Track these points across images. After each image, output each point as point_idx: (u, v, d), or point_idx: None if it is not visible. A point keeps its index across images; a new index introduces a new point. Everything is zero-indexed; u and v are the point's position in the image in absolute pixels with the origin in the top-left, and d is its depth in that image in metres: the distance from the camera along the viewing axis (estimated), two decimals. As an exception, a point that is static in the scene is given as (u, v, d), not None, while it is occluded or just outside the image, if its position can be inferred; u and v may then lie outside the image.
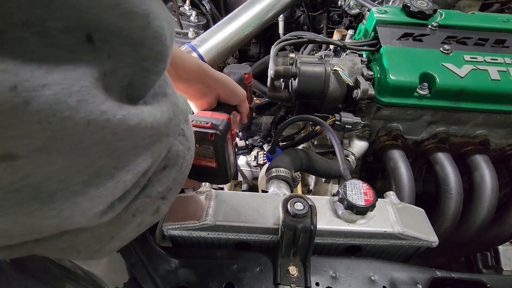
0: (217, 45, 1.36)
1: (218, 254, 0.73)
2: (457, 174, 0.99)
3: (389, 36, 1.05)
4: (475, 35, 1.04)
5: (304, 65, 1.01)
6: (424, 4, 1.11)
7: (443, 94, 0.94)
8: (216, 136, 0.61)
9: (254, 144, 1.38)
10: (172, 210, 0.75)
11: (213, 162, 0.66)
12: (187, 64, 0.63)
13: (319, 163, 1.03)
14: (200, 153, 0.64)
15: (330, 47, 1.41)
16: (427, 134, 1.06)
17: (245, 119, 0.79)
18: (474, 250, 1.22)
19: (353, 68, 1.02)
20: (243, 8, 1.43)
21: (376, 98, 0.98)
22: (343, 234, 0.73)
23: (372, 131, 1.08)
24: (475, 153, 1.04)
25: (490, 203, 0.97)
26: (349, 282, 0.70)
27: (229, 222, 0.71)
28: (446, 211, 0.97)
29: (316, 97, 1.02)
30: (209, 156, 0.65)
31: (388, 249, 0.77)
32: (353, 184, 0.75)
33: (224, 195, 0.77)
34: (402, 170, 1.00)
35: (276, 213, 0.73)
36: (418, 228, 0.74)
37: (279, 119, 1.47)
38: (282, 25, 1.93)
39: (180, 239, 0.75)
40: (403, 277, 0.72)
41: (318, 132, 1.05)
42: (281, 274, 0.70)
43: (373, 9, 1.13)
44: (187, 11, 1.73)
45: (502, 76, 0.93)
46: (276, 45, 1.09)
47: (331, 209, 0.76)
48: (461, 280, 0.73)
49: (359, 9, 1.68)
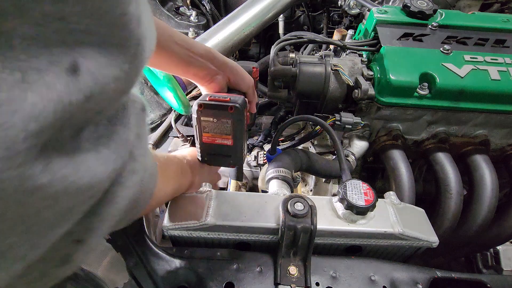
0: (217, 45, 1.36)
1: (218, 254, 0.73)
2: (457, 174, 0.99)
3: (389, 36, 1.05)
4: (475, 35, 1.04)
5: (304, 65, 1.01)
6: (424, 4, 1.11)
7: (443, 94, 0.94)
8: (236, 108, 0.60)
9: (254, 144, 1.38)
10: (172, 210, 0.75)
11: (229, 139, 0.65)
12: (196, 48, 0.64)
13: (319, 163, 1.03)
14: (217, 129, 0.64)
15: (330, 47, 1.41)
16: (427, 134, 1.06)
17: (254, 108, 0.79)
18: (474, 250, 1.22)
19: (353, 68, 1.02)
20: (243, 8, 1.43)
21: (376, 98, 0.98)
22: (343, 234, 0.73)
23: (372, 131, 1.08)
24: (475, 153, 1.04)
25: (490, 203, 0.97)
26: (349, 282, 0.70)
27: (229, 222, 0.71)
28: (446, 211, 0.97)
29: (316, 97, 1.02)
30: (226, 133, 0.64)
31: (388, 249, 0.77)
32: (353, 184, 0.75)
33: (224, 195, 0.77)
34: (402, 170, 1.00)
35: (276, 213, 0.73)
36: (418, 228, 0.74)
37: (279, 119, 1.47)
38: (282, 25, 1.93)
39: (180, 239, 0.75)
40: (403, 277, 0.72)
41: (318, 132, 1.05)
42: (281, 274, 0.70)
43: (373, 9, 1.13)
44: (187, 11, 1.73)
45: (502, 76, 0.93)
46: (276, 45, 1.09)
47: (331, 209, 0.76)
48: (461, 280, 0.73)
49: (359, 9, 1.68)
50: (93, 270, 0.75)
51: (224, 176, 1.64)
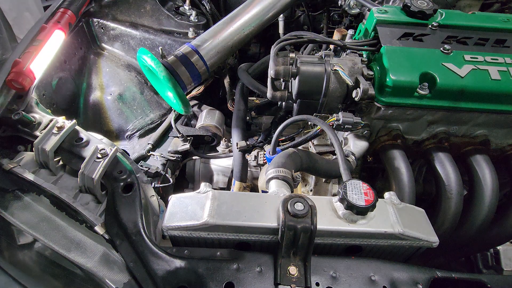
0: (217, 45, 1.36)
1: (218, 254, 0.73)
2: (457, 174, 0.99)
3: (389, 36, 1.05)
4: (475, 35, 1.04)
5: (304, 65, 1.01)
6: (424, 4, 1.11)
7: (443, 94, 0.94)
8: None
9: (254, 144, 1.38)
10: (172, 210, 0.75)
11: None
12: None
13: (319, 163, 1.03)
14: None
15: (330, 47, 1.41)
16: (427, 134, 1.06)
17: None
18: (474, 250, 1.22)
19: (353, 68, 1.02)
20: (243, 8, 1.43)
21: (376, 98, 0.98)
22: (343, 234, 0.73)
23: (372, 131, 1.08)
24: (475, 153, 1.03)
25: (491, 203, 0.97)
26: (349, 282, 0.70)
27: (229, 222, 0.71)
28: (446, 211, 0.97)
29: (316, 97, 1.02)
30: None
31: (389, 249, 0.77)
32: (353, 184, 0.75)
33: (224, 195, 0.77)
34: (402, 170, 1.00)
35: (276, 213, 0.73)
36: (418, 228, 0.74)
37: (279, 119, 1.47)
38: (282, 25, 1.93)
39: (180, 239, 0.75)
40: (403, 277, 0.72)
41: (318, 132, 1.05)
42: (281, 274, 0.69)
43: (373, 9, 1.13)
44: (187, 11, 1.73)
45: (502, 76, 0.92)
46: (276, 45, 1.08)
47: (331, 209, 0.75)
48: (461, 280, 0.73)
49: (359, 9, 1.68)
50: (93, 270, 0.75)
51: (224, 176, 1.64)
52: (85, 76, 1.77)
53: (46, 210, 0.86)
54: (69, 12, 1.41)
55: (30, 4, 2.80)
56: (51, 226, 0.82)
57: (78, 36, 1.69)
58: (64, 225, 0.83)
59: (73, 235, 0.81)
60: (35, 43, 1.19)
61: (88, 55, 1.77)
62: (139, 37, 1.71)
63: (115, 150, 0.95)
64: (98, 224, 0.82)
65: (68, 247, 0.78)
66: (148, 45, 1.71)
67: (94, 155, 0.93)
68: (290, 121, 0.98)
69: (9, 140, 1.06)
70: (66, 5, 1.42)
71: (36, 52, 1.16)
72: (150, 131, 1.77)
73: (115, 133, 1.79)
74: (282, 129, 1.00)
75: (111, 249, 0.78)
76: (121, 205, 0.83)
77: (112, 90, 1.76)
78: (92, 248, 0.78)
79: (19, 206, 0.86)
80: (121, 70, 1.77)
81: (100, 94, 1.76)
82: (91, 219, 0.83)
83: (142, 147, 1.62)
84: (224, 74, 1.66)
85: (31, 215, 0.84)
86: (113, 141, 1.65)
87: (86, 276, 0.77)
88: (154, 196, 0.93)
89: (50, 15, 1.35)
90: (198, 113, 1.68)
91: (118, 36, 1.75)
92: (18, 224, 0.81)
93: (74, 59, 1.69)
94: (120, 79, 1.76)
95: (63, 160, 1.00)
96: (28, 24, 2.64)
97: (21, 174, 0.91)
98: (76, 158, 0.96)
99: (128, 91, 1.77)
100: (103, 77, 1.77)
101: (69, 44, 1.61)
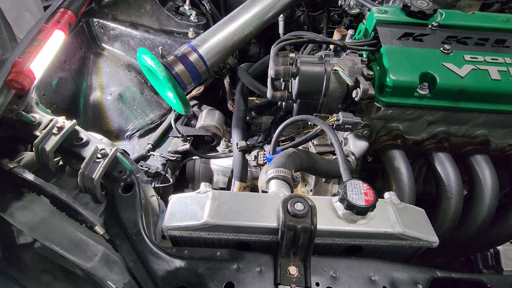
0: (217, 45, 1.35)
1: (218, 254, 0.73)
2: (457, 174, 0.99)
3: (389, 36, 1.05)
4: (475, 35, 1.04)
5: (304, 65, 1.01)
6: (424, 4, 1.11)
7: (443, 94, 0.94)
8: None
9: (254, 144, 1.38)
10: (172, 210, 0.75)
11: None
12: None
13: (319, 163, 1.03)
14: None
15: (330, 47, 1.41)
16: (427, 134, 1.06)
17: None
18: (474, 250, 1.22)
19: (353, 68, 1.02)
20: (243, 7, 1.43)
21: (376, 98, 0.98)
22: (343, 235, 0.73)
23: (372, 131, 1.08)
24: (475, 153, 1.03)
25: (491, 203, 0.97)
26: (349, 282, 0.70)
27: (229, 222, 0.71)
28: (446, 211, 0.97)
29: (316, 97, 1.02)
30: None
31: (389, 249, 0.77)
32: (353, 184, 0.75)
33: (224, 195, 0.77)
34: (402, 170, 1.00)
35: (276, 213, 0.73)
36: (418, 228, 0.74)
37: (279, 119, 1.47)
38: (282, 25, 1.94)
39: (180, 239, 0.75)
40: (403, 277, 0.72)
41: (318, 132, 1.05)
42: (281, 274, 0.69)
43: (373, 9, 1.13)
44: (187, 11, 1.73)
45: (502, 76, 0.92)
46: (276, 45, 1.08)
47: (331, 209, 0.75)
48: (461, 280, 0.73)
49: (359, 9, 1.68)
50: (93, 270, 0.75)
51: (224, 176, 1.64)
52: (85, 76, 1.77)
53: (46, 210, 0.86)
54: (69, 12, 1.40)
55: (30, 4, 2.79)
56: (51, 226, 0.82)
57: (78, 36, 1.69)
58: (64, 225, 0.83)
59: (73, 235, 0.81)
60: (35, 43, 1.19)
61: (88, 55, 1.77)
62: (139, 37, 1.71)
63: (115, 150, 0.95)
64: (98, 224, 0.82)
65: (68, 247, 0.78)
66: (148, 45, 1.71)
67: (94, 155, 0.93)
68: (290, 121, 0.98)
69: (9, 140, 1.06)
70: (66, 5, 1.42)
71: (36, 52, 1.16)
72: (150, 131, 1.77)
73: (115, 133, 1.79)
74: (282, 129, 1.00)
75: (111, 249, 0.78)
76: (121, 205, 0.83)
77: (112, 90, 1.76)
78: (92, 248, 0.78)
79: (19, 206, 0.86)
80: (121, 70, 1.77)
81: (100, 94, 1.76)
82: (91, 219, 0.83)
83: (142, 147, 1.62)
84: (224, 74, 1.66)
85: (31, 215, 0.84)
86: (113, 141, 1.65)
87: (86, 276, 0.77)
88: (154, 196, 0.93)
89: (50, 15, 1.35)
90: (198, 113, 1.68)
91: (118, 36, 1.75)
92: (18, 224, 0.81)
93: (74, 59, 1.69)
94: (120, 79, 1.76)
95: (63, 160, 1.00)
96: (28, 24, 2.64)
97: (21, 174, 0.91)
98: (76, 158, 0.96)
99: (128, 91, 1.77)
100: (103, 77, 1.77)
101: (69, 44, 1.61)
